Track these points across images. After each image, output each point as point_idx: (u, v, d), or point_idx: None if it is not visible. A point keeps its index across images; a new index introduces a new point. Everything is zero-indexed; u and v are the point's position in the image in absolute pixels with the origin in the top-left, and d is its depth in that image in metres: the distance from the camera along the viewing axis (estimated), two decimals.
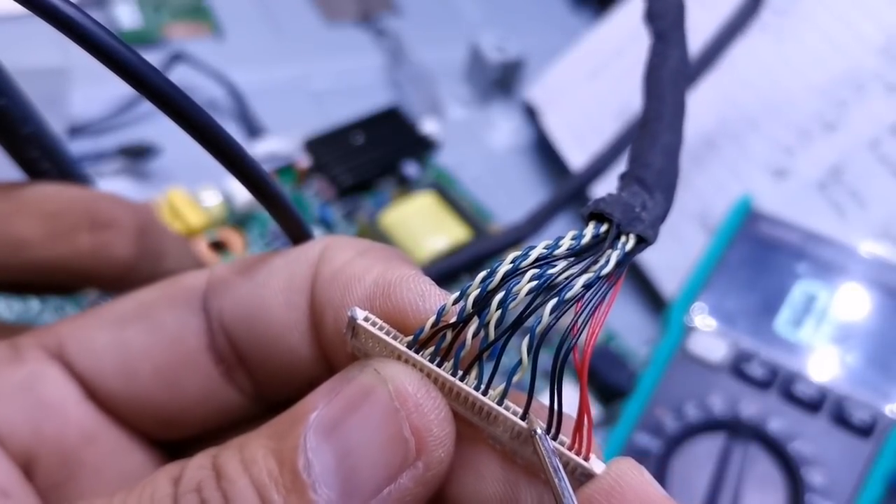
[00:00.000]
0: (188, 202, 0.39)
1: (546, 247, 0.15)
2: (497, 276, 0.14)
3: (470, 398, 0.15)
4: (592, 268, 0.14)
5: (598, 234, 0.15)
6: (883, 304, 0.35)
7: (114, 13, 0.49)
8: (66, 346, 0.18)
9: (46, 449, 0.17)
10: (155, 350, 0.18)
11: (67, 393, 0.18)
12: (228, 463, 0.14)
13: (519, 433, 0.15)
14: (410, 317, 0.15)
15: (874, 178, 0.39)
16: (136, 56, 0.14)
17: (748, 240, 0.37)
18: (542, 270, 0.14)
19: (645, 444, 0.32)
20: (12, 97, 0.21)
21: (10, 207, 0.21)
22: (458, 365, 0.15)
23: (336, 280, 0.17)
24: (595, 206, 0.15)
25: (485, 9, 0.62)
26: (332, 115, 0.46)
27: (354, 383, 0.15)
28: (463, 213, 0.42)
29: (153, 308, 0.18)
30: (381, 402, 0.14)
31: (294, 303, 0.17)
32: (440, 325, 0.15)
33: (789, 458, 0.31)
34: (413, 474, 0.14)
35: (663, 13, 0.20)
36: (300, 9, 0.56)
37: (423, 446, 0.14)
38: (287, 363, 0.18)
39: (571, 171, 0.48)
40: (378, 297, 0.16)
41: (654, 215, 0.15)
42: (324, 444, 0.14)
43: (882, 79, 0.41)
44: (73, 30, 0.13)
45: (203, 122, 0.15)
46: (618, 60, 0.49)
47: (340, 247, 0.17)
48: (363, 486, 0.14)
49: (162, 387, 0.18)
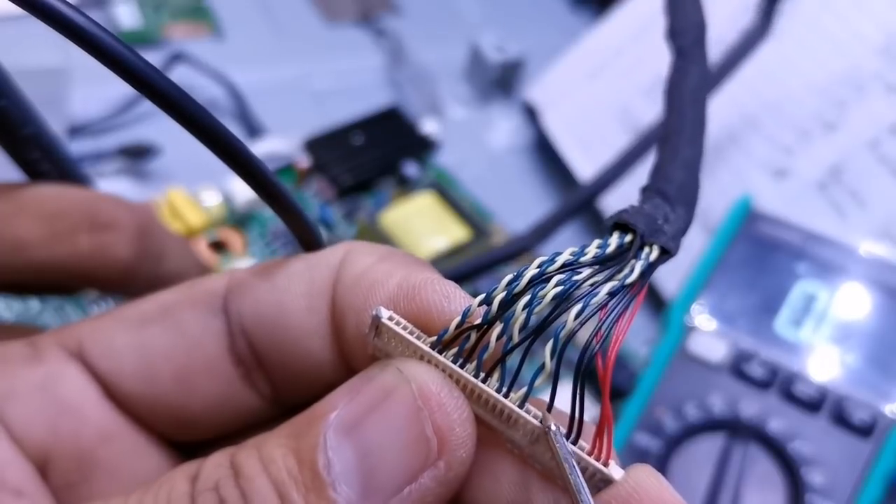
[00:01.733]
0: (188, 202, 0.39)
1: (572, 254, 0.15)
2: (523, 280, 0.14)
3: (491, 400, 0.15)
4: (616, 276, 0.14)
5: (622, 244, 0.15)
6: (883, 304, 0.35)
7: (114, 13, 0.49)
8: (86, 346, 0.18)
9: (62, 448, 0.17)
10: (175, 352, 0.18)
11: (86, 393, 0.18)
12: (247, 461, 0.14)
13: (538, 437, 0.15)
14: (435, 317, 0.15)
15: (874, 178, 0.39)
16: (143, 61, 0.14)
17: (748, 240, 0.37)
18: (568, 276, 0.14)
19: (645, 444, 0.32)
20: (12, 98, 0.21)
21: (11, 208, 0.21)
22: (480, 367, 0.15)
23: (359, 284, 0.17)
24: (619, 217, 0.15)
25: (485, 9, 0.62)
26: (332, 115, 0.46)
27: (376, 382, 0.15)
28: (463, 213, 0.42)
29: (174, 310, 0.18)
30: (404, 400, 0.14)
31: (315, 307, 0.17)
32: (465, 325, 0.15)
33: (789, 458, 0.31)
34: (434, 474, 0.14)
35: (685, 31, 0.20)
36: (300, 9, 0.56)
37: (445, 446, 0.14)
38: (306, 367, 0.18)
39: (572, 171, 0.48)
40: (402, 299, 0.16)
41: (675, 228, 0.16)
42: (344, 443, 0.14)
43: (882, 79, 0.41)
44: (76, 34, 0.13)
45: (211, 126, 0.15)
46: (618, 60, 0.49)
47: (361, 252, 0.18)
48: (384, 485, 0.14)
49: (181, 388, 0.18)
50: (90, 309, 0.35)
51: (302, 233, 0.18)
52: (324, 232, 0.42)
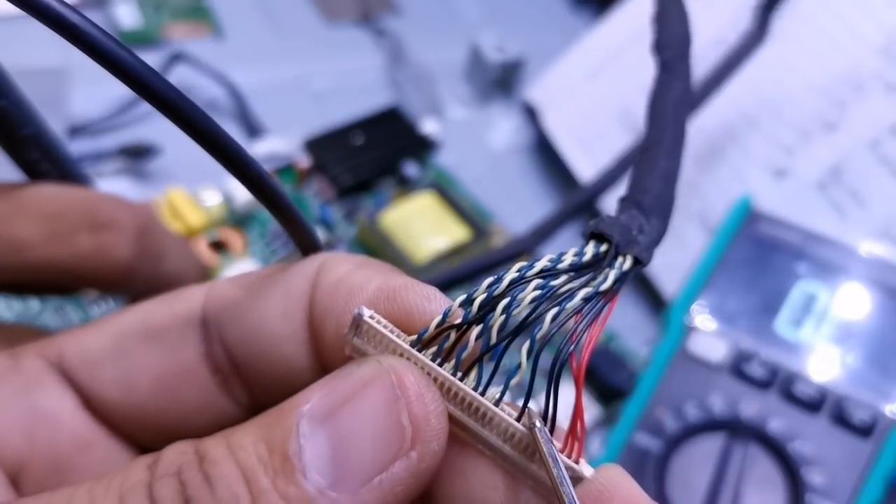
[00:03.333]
0: (188, 202, 0.39)
1: (550, 260, 0.15)
2: (503, 283, 0.15)
3: (467, 398, 0.15)
4: (591, 283, 0.15)
5: (598, 252, 0.16)
6: (883, 304, 0.35)
7: (114, 13, 0.49)
8: (66, 356, 0.19)
9: (38, 456, 0.17)
10: (153, 360, 0.18)
11: (64, 401, 0.18)
12: (213, 448, 0.14)
13: (512, 435, 0.15)
14: (416, 317, 0.16)
15: (874, 178, 0.39)
16: (141, 62, 0.14)
17: (748, 240, 0.37)
18: (546, 281, 0.15)
19: (645, 444, 0.32)
20: (12, 99, 0.21)
21: (10, 208, 0.21)
22: (459, 365, 0.15)
23: (338, 289, 0.17)
24: (595, 227, 0.16)
25: (485, 9, 0.62)
26: (332, 115, 0.46)
27: (355, 374, 0.15)
28: (463, 213, 0.42)
29: (153, 319, 0.19)
30: (382, 388, 0.15)
31: (290, 313, 0.18)
32: (445, 325, 0.15)
33: (789, 458, 0.31)
34: (406, 464, 0.14)
35: (670, 45, 0.21)
36: (300, 9, 0.56)
37: (420, 436, 0.14)
38: (282, 373, 0.18)
39: (572, 171, 0.48)
40: (383, 301, 0.16)
41: (650, 239, 0.16)
42: (318, 431, 0.14)
43: (882, 79, 0.41)
44: (74, 34, 0.13)
45: (209, 129, 0.15)
46: (618, 60, 0.49)
47: (338, 261, 0.18)
48: (355, 473, 0.14)
49: (159, 396, 0.18)
50: (90, 309, 0.35)
51: (298, 236, 0.19)
52: (324, 232, 0.42)
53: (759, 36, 0.41)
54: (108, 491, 0.14)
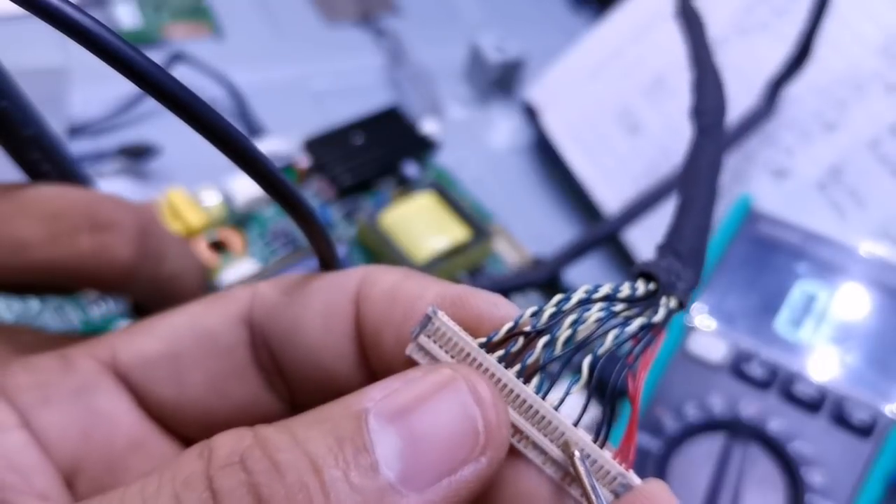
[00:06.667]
0: (188, 202, 0.39)
1: (611, 289, 0.17)
2: (572, 300, 0.17)
3: (528, 401, 0.16)
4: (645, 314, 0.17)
5: (648, 290, 0.18)
6: (883, 304, 0.35)
7: (114, 13, 0.49)
8: (120, 357, 0.19)
9: (94, 457, 0.18)
10: (206, 360, 0.19)
11: (118, 401, 0.19)
12: (276, 435, 0.14)
13: (566, 442, 0.16)
14: (486, 321, 0.16)
15: (874, 178, 0.39)
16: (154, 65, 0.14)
17: (748, 240, 0.37)
18: (607, 306, 0.17)
19: (645, 444, 0.32)
20: (13, 99, 0.21)
21: (11, 209, 0.21)
22: (524, 370, 0.16)
23: (395, 299, 0.17)
24: (644, 267, 0.18)
25: (485, 9, 0.62)
26: (332, 115, 0.46)
27: (429, 377, 0.15)
28: (463, 213, 0.42)
29: (204, 320, 0.19)
30: (461, 392, 0.15)
31: (331, 327, 0.18)
32: (515, 331, 0.16)
33: (789, 458, 0.31)
34: (475, 468, 0.15)
35: (707, 112, 0.24)
36: (300, 9, 0.56)
37: (491, 443, 0.15)
38: (324, 379, 0.18)
39: (572, 171, 0.48)
40: (448, 307, 0.17)
41: (687, 286, 0.18)
42: (387, 427, 0.14)
43: (882, 79, 0.41)
44: (81, 34, 0.13)
45: (231, 136, 0.15)
46: (618, 60, 0.49)
47: (383, 272, 0.18)
48: (425, 471, 0.14)
49: (210, 395, 0.19)
50: (90, 309, 0.35)
51: (313, 235, 0.19)
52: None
53: (766, 111, 0.42)
54: (160, 488, 0.14)
